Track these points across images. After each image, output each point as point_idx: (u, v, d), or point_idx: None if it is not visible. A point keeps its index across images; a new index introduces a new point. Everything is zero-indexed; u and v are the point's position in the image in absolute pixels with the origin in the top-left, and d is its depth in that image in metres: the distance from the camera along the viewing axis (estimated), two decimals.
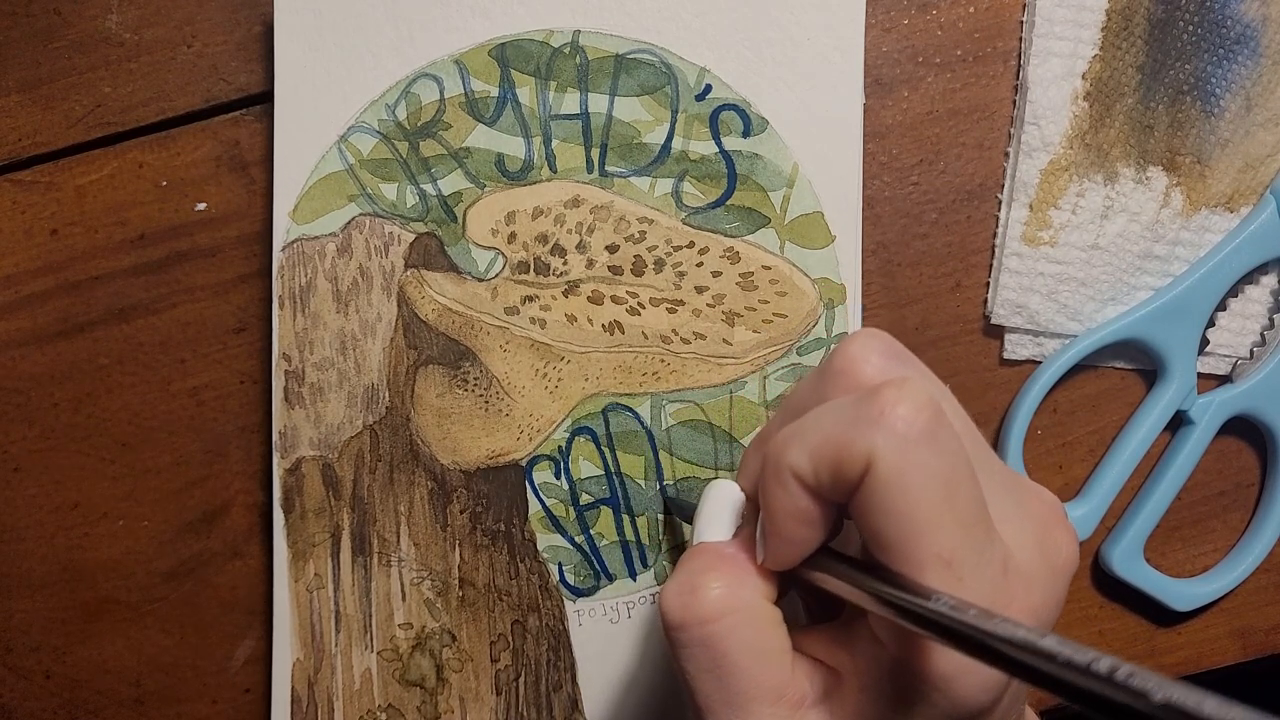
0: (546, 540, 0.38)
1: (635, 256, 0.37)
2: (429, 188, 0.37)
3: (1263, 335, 0.39)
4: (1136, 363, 0.39)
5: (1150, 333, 0.38)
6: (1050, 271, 0.38)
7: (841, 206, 0.37)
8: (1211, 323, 0.39)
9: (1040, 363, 0.39)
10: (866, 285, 0.39)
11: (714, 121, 0.37)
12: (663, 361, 0.37)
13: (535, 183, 0.37)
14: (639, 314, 0.37)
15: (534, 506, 0.37)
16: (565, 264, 0.37)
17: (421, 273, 0.37)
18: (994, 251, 0.39)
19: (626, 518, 0.37)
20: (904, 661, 0.24)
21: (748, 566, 0.27)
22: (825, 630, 0.28)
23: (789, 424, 0.26)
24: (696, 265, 0.37)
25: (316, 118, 0.37)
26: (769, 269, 0.37)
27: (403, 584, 0.37)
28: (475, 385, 0.37)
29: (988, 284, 0.39)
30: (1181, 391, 0.38)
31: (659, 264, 0.37)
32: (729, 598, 0.26)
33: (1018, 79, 0.39)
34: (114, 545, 0.39)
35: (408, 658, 0.37)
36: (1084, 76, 0.38)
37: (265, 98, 0.39)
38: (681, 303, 0.37)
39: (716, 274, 0.37)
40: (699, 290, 0.37)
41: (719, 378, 0.37)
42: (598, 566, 0.38)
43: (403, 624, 0.37)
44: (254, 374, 0.39)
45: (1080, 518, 0.38)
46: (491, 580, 0.37)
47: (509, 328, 0.37)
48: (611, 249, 0.37)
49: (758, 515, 0.27)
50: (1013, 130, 0.39)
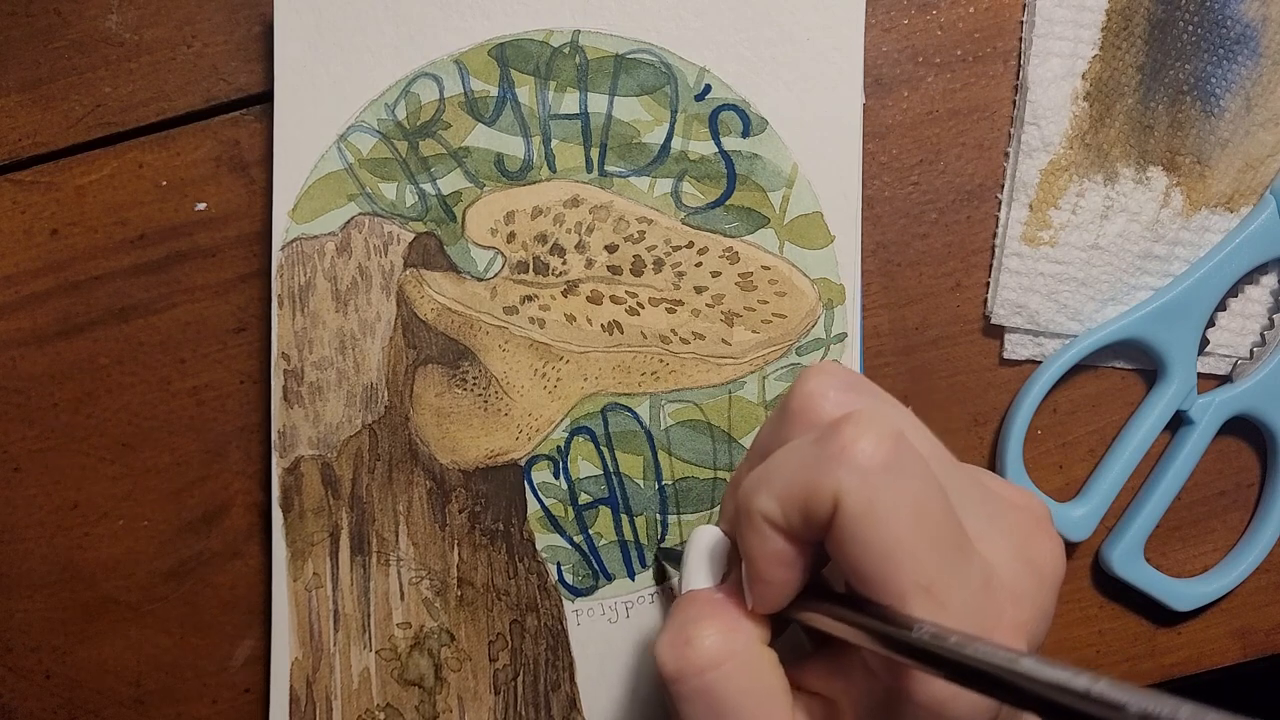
0: (545, 540, 0.38)
1: (634, 256, 0.37)
2: (428, 187, 0.37)
3: (1263, 335, 0.39)
4: (1136, 363, 0.39)
5: (1150, 333, 0.38)
6: (1050, 271, 0.38)
7: (841, 207, 0.37)
8: (1211, 323, 0.39)
9: (1040, 363, 0.39)
10: (866, 285, 0.39)
11: (713, 121, 0.37)
12: (662, 361, 0.37)
13: (534, 182, 0.37)
14: (638, 314, 0.37)
15: (533, 506, 0.37)
16: (564, 264, 0.37)
17: (421, 272, 0.37)
18: (994, 251, 0.39)
19: (625, 517, 0.37)
20: (896, 690, 0.24)
21: (738, 612, 0.27)
22: (820, 661, 0.28)
23: (756, 467, 0.26)
24: (696, 265, 0.37)
25: (316, 117, 0.37)
26: (768, 269, 0.37)
27: (401, 583, 0.37)
28: (474, 385, 0.37)
29: (988, 284, 0.39)
30: (1181, 391, 0.38)
31: (658, 264, 0.37)
32: (723, 646, 0.26)
33: (1018, 79, 0.39)
34: (114, 545, 0.39)
35: (406, 657, 0.37)
36: (1084, 76, 0.38)
37: (265, 98, 0.39)
38: (680, 303, 0.37)
39: (716, 274, 0.37)
40: (698, 290, 0.37)
41: (718, 378, 0.37)
42: (596, 566, 0.38)
43: (401, 623, 0.37)
44: (254, 374, 0.39)
45: (1080, 518, 0.38)
46: (490, 580, 0.37)
47: (508, 327, 0.37)
48: (610, 249, 0.37)
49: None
50: (1013, 130, 0.39)
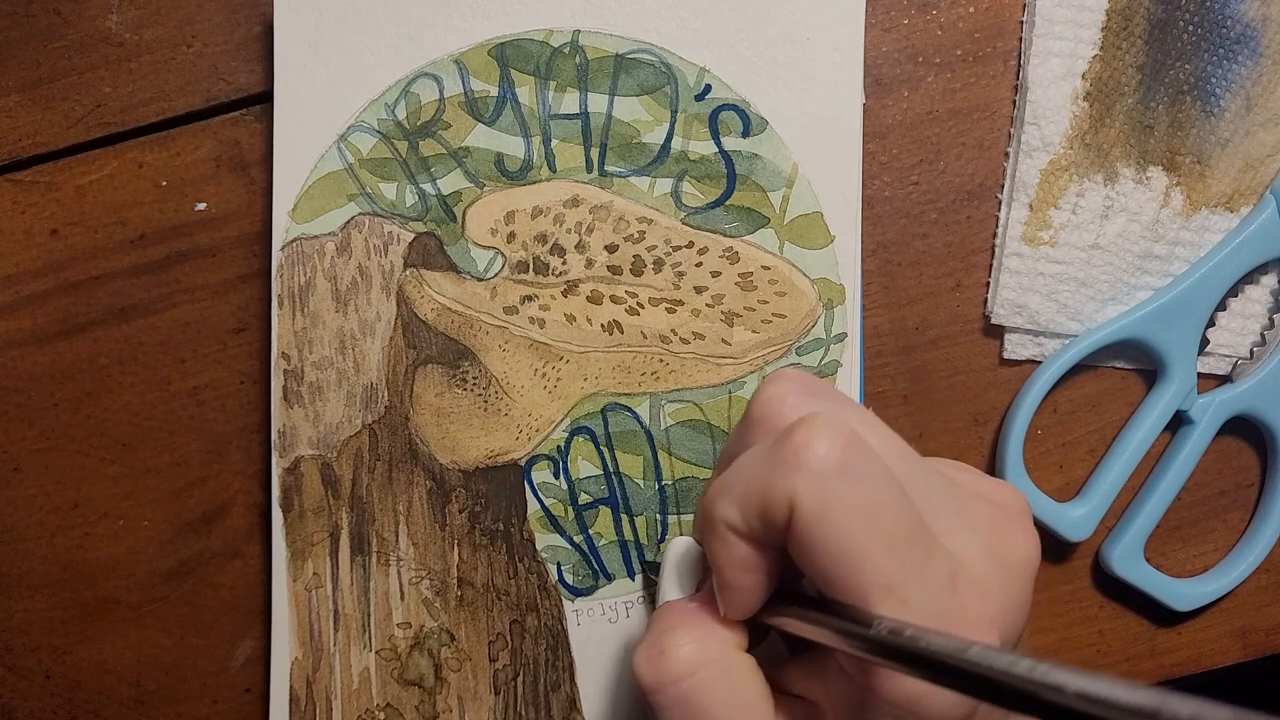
0: (545, 540, 0.38)
1: (634, 256, 0.37)
2: (428, 187, 0.37)
3: (1263, 335, 0.39)
4: (1136, 363, 0.39)
5: (1150, 333, 0.38)
6: (1050, 271, 0.38)
7: (841, 207, 0.37)
8: (1211, 323, 0.39)
9: (1040, 363, 0.39)
10: (866, 285, 0.39)
11: (713, 121, 0.37)
12: (662, 361, 0.37)
13: (534, 182, 0.37)
14: (638, 314, 0.37)
15: (533, 506, 0.37)
16: (564, 264, 0.37)
17: (421, 272, 0.37)
18: (994, 251, 0.39)
19: (625, 517, 0.37)
20: (872, 689, 0.24)
21: (711, 620, 0.27)
22: (799, 664, 0.28)
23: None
24: (696, 265, 0.37)
25: (316, 117, 0.37)
26: (768, 269, 0.37)
27: (401, 583, 0.37)
28: (474, 385, 0.37)
29: (988, 284, 0.39)
30: (1181, 391, 0.38)
31: (658, 264, 0.37)
32: (698, 654, 0.26)
33: (1018, 79, 0.39)
34: (114, 545, 0.39)
35: (406, 657, 0.37)
36: (1084, 76, 0.38)
37: (265, 98, 0.39)
38: (680, 303, 0.37)
39: (716, 274, 0.37)
40: (698, 290, 0.37)
41: (718, 378, 0.37)
42: (596, 566, 0.38)
43: (401, 623, 0.37)
44: (254, 374, 0.39)
45: (1080, 518, 0.38)
46: (490, 580, 0.37)
47: (508, 327, 0.37)
48: (610, 249, 0.37)
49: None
50: (1013, 130, 0.39)
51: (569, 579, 0.38)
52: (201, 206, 0.39)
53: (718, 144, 0.37)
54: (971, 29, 0.39)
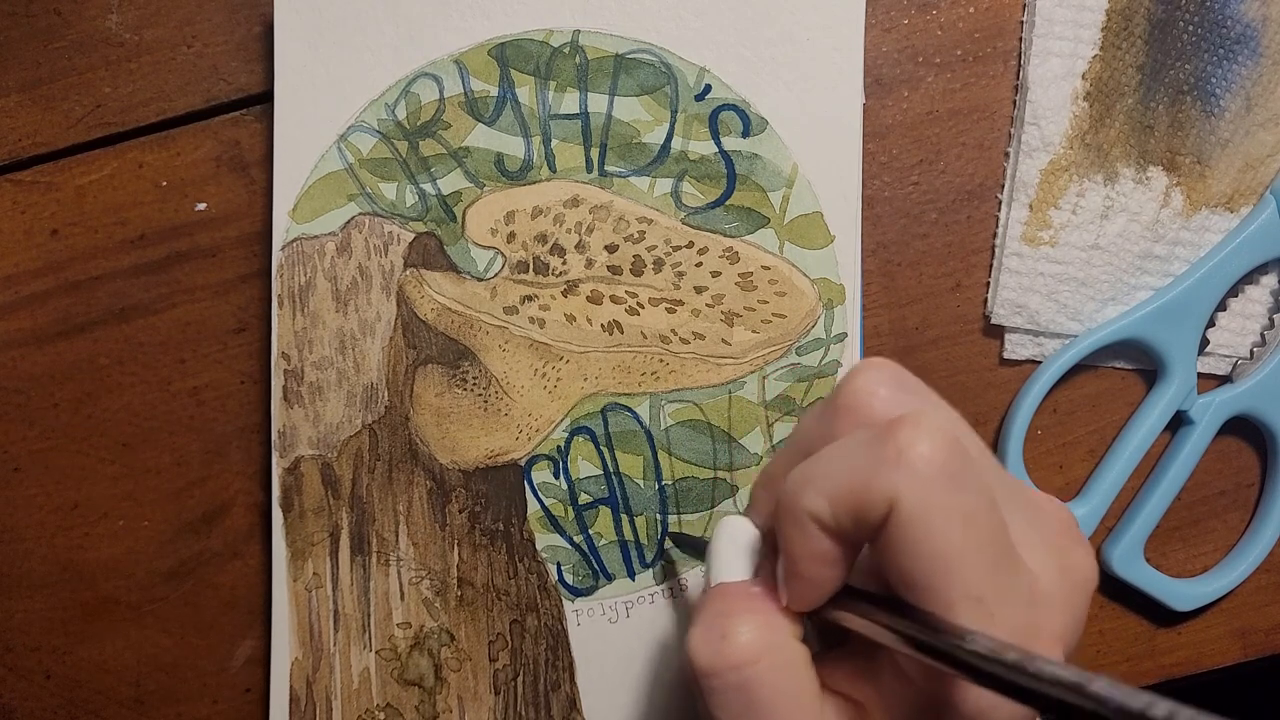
0: (545, 540, 0.38)
1: (634, 256, 0.37)
2: (428, 187, 0.37)
3: (1263, 335, 0.39)
4: (1136, 363, 0.39)
5: (1150, 333, 0.38)
6: (1050, 271, 0.38)
7: (841, 207, 0.37)
8: (1211, 323, 0.39)
9: (1040, 363, 0.39)
10: (866, 285, 0.39)
11: (713, 121, 0.37)
12: (661, 361, 0.37)
13: (534, 182, 0.37)
14: (638, 314, 0.37)
15: (533, 506, 0.37)
16: (564, 264, 0.37)
17: (421, 272, 0.37)
18: (994, 251, 0.39)
19: (625, 517, 0.37)
20: (934, 697, 0.24)
21: (773, 607, 0.27)
22: (846, 661, 0.27)
23: (798, 463, 0.26)
24: (696, 265, 0.37)
25: (316, 117, 0.37)
26: (768, 269, 0.37)
27: (401, 583, 0.37)
28: (474, 385, 0.37)
29: (988, 284, 0.39)
30: (1181, 391, 0.38)
31: (658, 264, 0.37)
32: (759, 641, 0.26)
33: (1018, 79, 0.39)
34: (114, 545, 0.39)
35: (406, 657, 0.37)
36: (1084, 76, 0.38)
37: (265, 98, 0.39)
38: (680, 303, 0.37)
39: (715, 274, 0.37)
40: (698, 290, 0.37)
41: (718, 378, 0.37)
42: (596, 566, 0.38)
43: (401, 623, 0.37)
44: (254, 374, 0.39)
45: (1080, 518, 0.38)
46: (490, 580, 0.37)
47: (508, 327, 0.37)
48: (610, 249, 0.37)
49: (774, 552, 0.27)
50: (1013, 130, 0.39)
51: (569, 579, 0.38)
52: (201, 206, 0.39)
53: (718, 144, 0.37)
54: (971, 29, 0.39)
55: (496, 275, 0.37)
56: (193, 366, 0.39)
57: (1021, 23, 0.39)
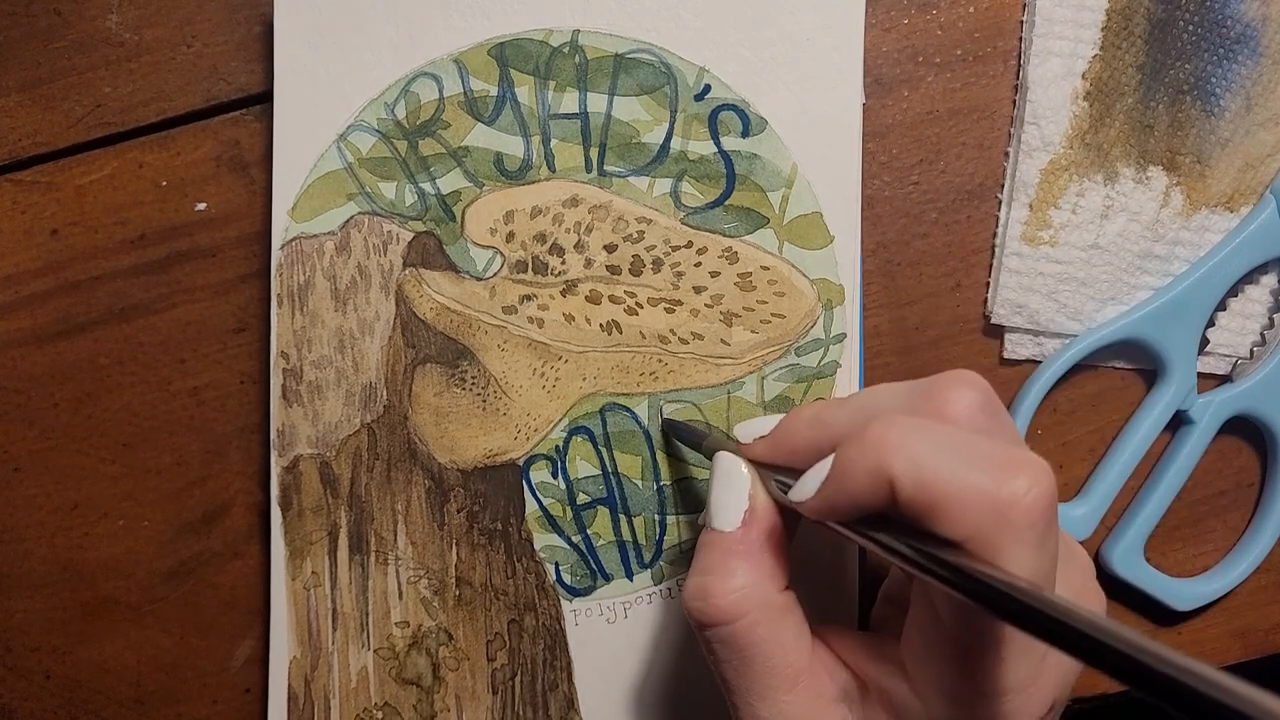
0: (543, 540, 0.38)
1: (633, 256, 0.37)
2: (428, 186, 0.37)
3: (1263, 335, 0.39)
4: (1136, 363, 0.39)
5: (1150, 333, 0.38)
6: (1050, 271, 0.38)
7: (840, 207, 0.37)
8: (1211, 323, 0.39)
9: (1040, 363, 0.39)
10: (867, 285, 0.39)
11: (713, 121, 0.37)
12: (660, 361, 0.37)
13: (534, 182, 0.37)
14: (637, 314, 0.37)
15: (531, 506, 0.37)
16: (563, 263, 0.37)
17: (420, 271, 0.37)
18: (994, 251, 0.39)
19: (623, 518, 0.37)
20: (969, 667, 0.24)
21: (762, 559, 0.28)
22: (858, 638, 0.29)
23: (858, 420, 0.27)
24: (695, 265, 0.37)
25: (316, 117, 0.37)
26: (767, 269, 0.37)
27: (399, 582, 0.37)
28: (473, 384, 0.37)
29: (988, 284, 0.39)
30: (1181, 391, 0.38)
31: (657, 264, 0.37)
32: (747, 598, 0.28)
33: (1018, 79, 0.39)
34: (114, 545, 0.39)
35: (404, 656, 0.37)
36: (1084, 76, 0.38)
37: (265, 97, 0.39)
38: (679, 303, 0.37)
39: (715, 274, 0.37)
40: (697, 290, 0.37)
41: (717, 378, 0.37)
42: (594, 566, 0.38)
43: (399, 622, 0.37)
44: (254, 374, 0.39)
45: (1080, 518, 0.38)
46: (488, 579, 0.37)
47: (507, 327, 0.37)
48: (610, 249, 0.37)
49: (766, 482, 0.29)
50: (1013, 130, 0.39)
51: (567, 579, 0.38)
52: (201, 206, 0.39)
53: (717, 144, 0.37)
54: (971, 29, 0.39)
55: (495, 275, 0.37)
56: (193, 366, 0.39)
57: (1021, 22, 0.39)
